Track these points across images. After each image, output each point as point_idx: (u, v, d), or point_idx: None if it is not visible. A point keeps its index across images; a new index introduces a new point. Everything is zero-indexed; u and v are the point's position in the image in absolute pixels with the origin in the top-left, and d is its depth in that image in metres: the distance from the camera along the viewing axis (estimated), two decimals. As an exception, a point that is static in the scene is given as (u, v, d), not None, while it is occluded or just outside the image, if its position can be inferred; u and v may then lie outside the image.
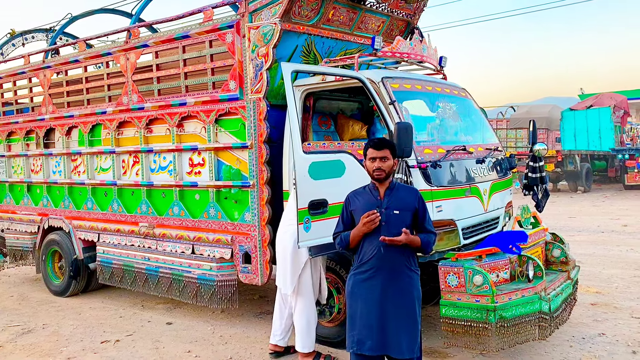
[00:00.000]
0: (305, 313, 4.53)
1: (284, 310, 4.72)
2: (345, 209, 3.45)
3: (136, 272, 6.21)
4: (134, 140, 6.24)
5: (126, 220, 6.35)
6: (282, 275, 4.56)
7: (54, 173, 7.33)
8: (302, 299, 4.53)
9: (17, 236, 7.89)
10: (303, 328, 4.53)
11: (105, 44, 7.21)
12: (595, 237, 10.44)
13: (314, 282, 4.60)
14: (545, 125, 20.63)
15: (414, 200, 3.36)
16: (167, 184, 5.88)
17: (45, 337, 5.60)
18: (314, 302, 4.63)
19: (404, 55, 4.98)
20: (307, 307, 4.54)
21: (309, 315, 4.54)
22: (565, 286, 4.71)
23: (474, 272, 4.06)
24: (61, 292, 7.22)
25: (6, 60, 8.27)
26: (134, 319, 6.12)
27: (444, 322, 4.15)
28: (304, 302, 4.53)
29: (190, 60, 5.62)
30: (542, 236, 5.08)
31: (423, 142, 4.69)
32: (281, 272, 4.57)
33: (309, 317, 4.54)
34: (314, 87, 4.96)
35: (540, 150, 5.50)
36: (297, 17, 5.03)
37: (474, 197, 4.73)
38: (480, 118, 5.68)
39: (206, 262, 5.52)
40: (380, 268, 3.25)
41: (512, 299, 4.07)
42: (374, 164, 3.33)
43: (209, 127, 5.44)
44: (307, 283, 4.53)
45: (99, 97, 6.62)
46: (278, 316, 4.75)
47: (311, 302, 4.57)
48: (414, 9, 6.11)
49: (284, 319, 4.72)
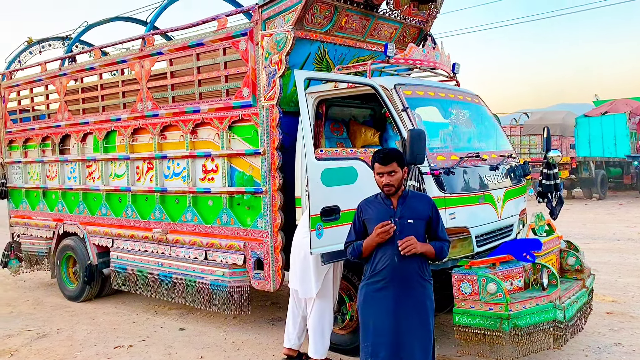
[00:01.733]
0: (323, 318, 4.50)
1: (297, 314, 4.71)
2: (358, 217, 3.43)
3: (149, 278, 6.25)
4: (148, 147, 6.29)
5: (140, 226, 6.39)
6: (302, 279, 4.51)
7: (69, 179, 7.41)
8: (321, 304, 4.50)
9: (32, 241, 7.99)
10: (318, 333, 4.51)
11: (120, 51, 7.29)
12: (610, 244, 10.31)
13: (334, 287, 4.59)
14: (559, 131, 20.50)
15: (427, 208, 3.35)
16: (180, 190, 5.92)
17: (60, 342, 5.65)
18: (333, 308, 4.61)
19: (417, 62, 4.98)
20: (325, 312, 4.51)
21: (325, 320, 4.52)
22: (580, 295, 4.65)
23: (487, 279, 4.03)
24: (75, 297, 7.29)
25: (23, 68, 8.40)
26: (147, 325, 6.15)
27: (457, 330, 4.12)
28: (323, 307, 4.50)
29: (204, 68, 5.66)
30: (556, 244, 5.03)
31: (436, 149, 4.68)
32: (300, 276, 4.52)
33: (326, 322, 4.52)
34: (326, 94, 4.98)
35: (554, 157, 5.46)
36: (310, 24, 5.06)
37: (488, 204, 4.71)
38: (493, 124, 5.66)
39: (219, 268, 5.53)
40: (393, 278, 3.23)
41: (527, 307, 4.03)
42: (383, 179, 3.30)
43: (222, 133, 5.48)
44: (328, 287, 4.51)
45: (114, 104, 6.70)
46: (291, 320, 4.74)
47: (330, 307, 4.56)
48: (427, 15, 6.11)
49: (298, 322, 4.71)
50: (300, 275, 4.52)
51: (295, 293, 4.65)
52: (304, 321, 4.67)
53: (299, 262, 4.53)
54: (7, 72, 8.40)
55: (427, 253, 3.25)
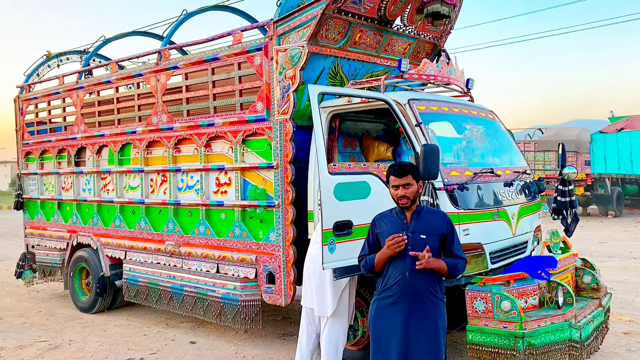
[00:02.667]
0: (337, 336, 4.40)
1: (312, 331, 4.60)
2: (372, 231, 3.41)
3: (161, 290, 6.26)
4: (162, 160, 6.34)
5: (153, 238, 6.42)
6: (318, 297, 4.41)
7: (84, 191, 7.48)
8: (336, 322, 4.40)
9: (46, 252, 8.05)
10: (331, 351, 4.41)
11: (136, 65, 7.39)
12: (627, 263, 10.14)
13: (350, 304, 4.51)
14: (574, 148, 20.28)
15: (442, 225, 3.30)
16: (193, 203, 5.94)
17: (71, 354, 5.66)
18: (347, 326, 4.53)
19: (431, 77, 4.98)
20: (339, 330, 4.42)
21: (339, 338, 4.42)
22: (596, 314, 4.57)
23: (501, 297, 3.98)
24: (88, 308, 7.31)
25: (42, 81, 8.55)
26: (158, 337, 6.15)
27: (471, 348, 4.07)
28: (337, 325, 4.41)
29: (219, 82, 5.71)
30: (572, 261, 4.96)
31: (450, 164, 4.66)
32: (316, 293, 4.41)
33: (340, 340, 4.43)
34: (340, 108, 4.99)
35: (569, 173, 5.41)
36: (324, 40, 5.09)
37: (502, 220, 4.66)
38: (507, 140, 5.62)
39: (230, 281, 5.52)
40: (404, 294, 3.18)
41: (541, 325, 3.97)
42: (398, 192, 3.27)
43: (236, 147, 5.51)
44: (344, 305, 4.43)
45: (130, 117, 6.78)
46: (305, 338, 4.62)
47: (345, 325, 4.47)
48: (441, 31, 6.13)
49: (312, 340, 4.60)
50: (316, 292, 4.42)
51: (310, 311, 4.56)
52: (317, 338, 4.59)
53: (314, 278, 4.44)
54: (25, 85, 8.55)
55: (440, 269, 3.20)
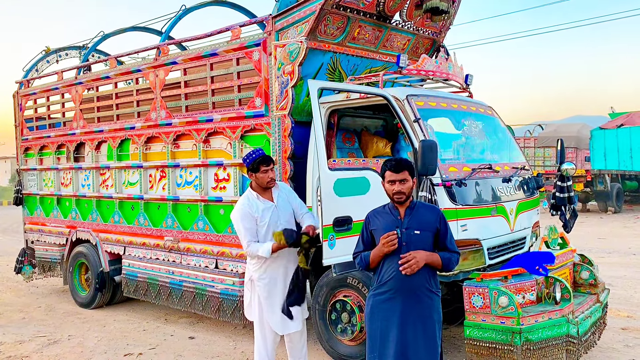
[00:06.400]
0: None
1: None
2: (365, 228, 3.40)
3: (160, 286, 6.27)
4: (161, 155, 6.34)
5: (152, 234, 6.43)
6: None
7: (83, 186, 7.49)
8: (256, 328, 4.31)
9: (46, 248, 8.08)
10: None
11: (135, 61, 7.37)
12: (626, 259, 10.16)
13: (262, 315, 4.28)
14: (574, 144, 20.26)
15: (435, 220, 3.28)
16: (192, 199, 5.95)
17: (70, 349, 5.68)
18: (265, 335, 4.31)
19: (430, 73, 4.97)
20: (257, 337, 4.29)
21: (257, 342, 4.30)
22: (594, 309, 4.59)
23: (499, 293, 3.99)
24: (87, 304, 7.33)
25: (41, 77, 8.53)
26: (157, 333, 6.16)
27: (468, 343, 4.08)
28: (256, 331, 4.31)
29: (218, 78, 5.71)
30: (570, 257, 4.97)
31: (448, 160, 4.66)
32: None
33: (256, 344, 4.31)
34: (338, 104, 4.99)
35: (568, 169, 5.41)
36: (323, 35, 5.08)
37: (500, 216, 4.66)
38: (506, 136, 5.62)
39: (229, 277, 5.54)
40: (399, 289, 3.18)
41: (539, 321, 3.98)
42: (394, 187, 3.24)
43: (234, 143, 5.51)
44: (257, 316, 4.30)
45: (128, 113, 6.77)
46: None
47: (259, 333, 4.31)
48: (440, 27, 6.12)
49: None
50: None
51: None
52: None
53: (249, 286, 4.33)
54: (24, 80, 8.54)
55: (434, 263, 3.19)
